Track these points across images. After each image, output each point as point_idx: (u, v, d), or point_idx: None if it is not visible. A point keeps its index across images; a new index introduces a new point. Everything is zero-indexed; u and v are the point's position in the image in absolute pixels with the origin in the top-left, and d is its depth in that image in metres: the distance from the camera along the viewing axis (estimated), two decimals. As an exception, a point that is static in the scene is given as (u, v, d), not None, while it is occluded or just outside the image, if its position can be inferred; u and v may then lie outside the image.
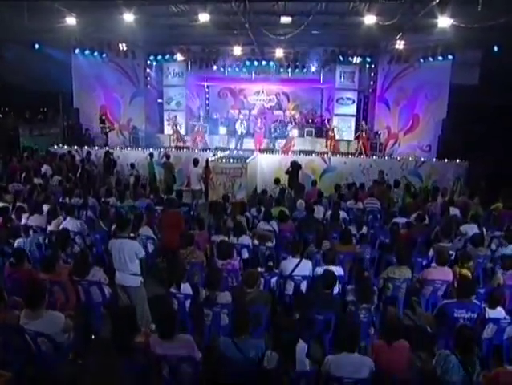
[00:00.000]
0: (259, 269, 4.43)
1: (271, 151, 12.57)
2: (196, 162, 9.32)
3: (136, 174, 10.96)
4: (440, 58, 12.65)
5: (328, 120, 16.29)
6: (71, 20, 10.87)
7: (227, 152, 12.12)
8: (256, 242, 5.32)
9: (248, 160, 9.53)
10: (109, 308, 4.23)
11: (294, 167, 10.08)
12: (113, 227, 5.74)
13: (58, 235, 5.02)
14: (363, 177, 11.90)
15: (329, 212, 6.96)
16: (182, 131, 15.93)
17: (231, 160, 9.34)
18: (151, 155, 11.65)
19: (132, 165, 11.01)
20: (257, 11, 11.08)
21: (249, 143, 15.23)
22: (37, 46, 12.65)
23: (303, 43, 14.06)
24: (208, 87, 19.43)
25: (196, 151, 12.67)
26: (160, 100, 16.43)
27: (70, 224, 5.70)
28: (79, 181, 9.39)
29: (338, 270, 4.41)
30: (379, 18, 10.24)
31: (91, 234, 5.83)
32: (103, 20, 11.48)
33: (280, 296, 4.52)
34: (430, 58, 12.89)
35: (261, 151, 14.25)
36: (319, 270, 4.40)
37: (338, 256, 5.07)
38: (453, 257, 5.25)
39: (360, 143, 13.55)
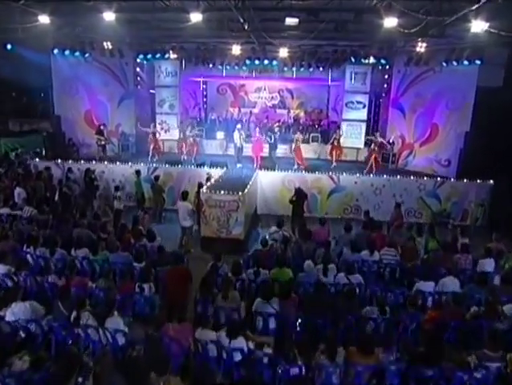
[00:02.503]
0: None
1: (273, 167, 11.24)
2: (185, 195, 8.07)
3: (120, 196, 9.76)
4: (465, 62, 11.14)
5: (335, 126, 14.87)
6: (44, 19, 9.49)
7: (224, 170, 10.82)
8: (251, 346, 4.19)
9: (246, 190, 8.29)
10: None
11: (300, 196, 8.83)
12: (73, 314, 4.62)
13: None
14: (376, 198, 10.74)
15: (341, 276, 5.78)
16: (175, 137, 14.62)
17: (226, 192, 8.10)
18: (137, 172, 10.40)
19: (117, 188, 9.78)
20: (258, 8, 9.58)
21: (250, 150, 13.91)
22: (9, 46, 11.23)
23: (310, 42, 12.51)
24: (205, 83, 17.98)
25: (190, 167, 11.36)
26: (152, 91, 14.95)
27: (16, 309, 4.58)
28: (53, 215, 8.19)
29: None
30: (401, 20, 8.75)
31: (45, 320, 4.68)
32: (82, 18, 10.03)
33: None
34: (454, 62, 11.39)
35: (261, 159, 13.00)
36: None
37: (356, 368, 3.95)
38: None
39: (372, 157, 12.18)
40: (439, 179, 10.68)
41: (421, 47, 10.81)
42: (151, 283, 5.56)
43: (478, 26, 8.23)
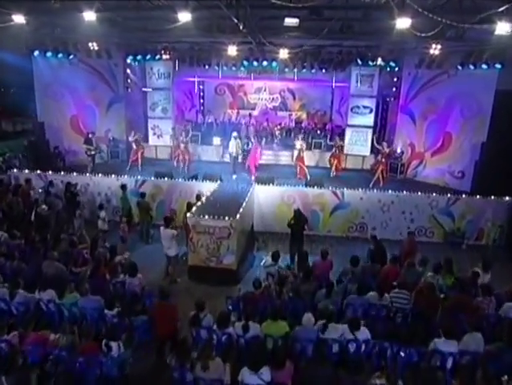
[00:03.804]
0: None
1: (271, 181, 10.33)
2: (168, 221, 7.17)
3: (104, 217, 8.89)
4: (484, 66, 10.11)
5: (337, 133, 13.86)
6: (18, 18, 8.67)
7: (218, 183, 9.94)
8: None
9: (238, 215, 7.38)
10: None
11: (300, 219, 7.90)
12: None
13: None
14: (383, 215, 9.85)
15: (345, 329, 4.91)
16: (168, 143, 13.73)
17: (216, 217, 7.21)
18: (123, 187, 9.54)
19: (101, 206, 8.93)
20: (254, 6, 8.62)
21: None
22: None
23: (313, 42, 11.49)
24: (202, 83, 17.05)
25: (181, 179, 10.45)
26: (145, 89, 13.94)
27: None
28: (25, 240, 7.35)
29: None
30: (415, 21, 7.77)
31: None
32: (60, 18, 9.13)
33: None
34: (471, 66, 10.34)
35: (257, 168, 12.13)
36: None
37: None
38: None
39: (379, 169, 11.23)
40: (453, 195, 9.71)
41: (435, 49, 9.77)
42: (119, 341, 4.73)
43: (504, 27, 7.26)
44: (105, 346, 4.66)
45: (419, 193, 9.80)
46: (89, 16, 8.43)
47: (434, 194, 9.77)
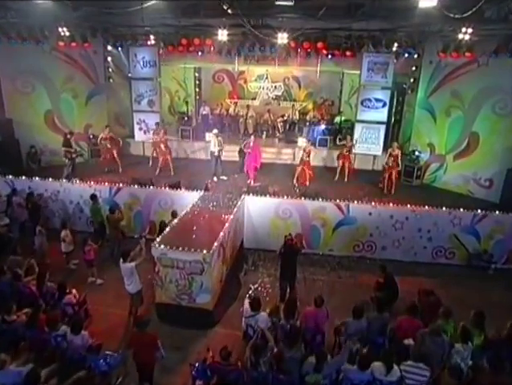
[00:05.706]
0: None
1: (264, 192, 8.91)
2: (125, 255, 5.85)
3: (65, 238, 7.56)
4: (525, 54, 8.34)
5: (345, 130, 12.27)
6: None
7: (202, 193, 8.59)
8: None
9: (214, 245, 6.01)
10: None
11: (291, 249, 6.45)
12: None
13: None
14: (396, 233, 8.42)
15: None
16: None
17: (185, 248, 5.86)
18: (93, 197, 8.32)
19: (64, 224, 7.67)
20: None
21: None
22: None
23: (316, 25, 9.81)
24: (199, 69, 15.46)
25: (156, 188, 9.04)
26: (130, 74, 12.36)
27: None
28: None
29: None
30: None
31: None
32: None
33: None
34: (508, 54, 8.56)
35: (257, 170, 10.74)
36: None
37: None
38: None
39: (393, 175, 9.67)
40: (480, 212, 8.16)
41: (466, 33, 8.01)
42: None
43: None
44: None
45: (439, 209, 8.27)
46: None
47: (457, 210, 8.22)
